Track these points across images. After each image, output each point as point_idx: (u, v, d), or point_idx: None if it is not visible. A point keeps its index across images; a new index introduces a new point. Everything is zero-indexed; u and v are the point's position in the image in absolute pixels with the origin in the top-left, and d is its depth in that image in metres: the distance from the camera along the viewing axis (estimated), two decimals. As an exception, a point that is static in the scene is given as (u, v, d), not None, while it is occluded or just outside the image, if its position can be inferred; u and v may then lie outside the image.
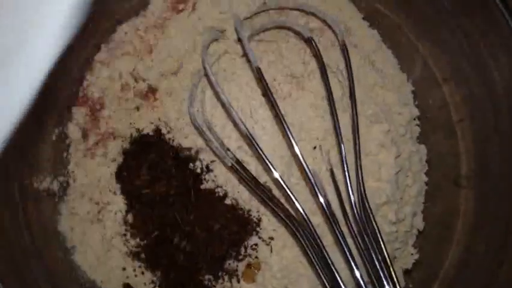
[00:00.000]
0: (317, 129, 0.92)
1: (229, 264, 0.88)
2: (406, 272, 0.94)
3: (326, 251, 0.77)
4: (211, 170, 0.91)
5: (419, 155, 0.97)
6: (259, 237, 0.89)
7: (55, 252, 0.84)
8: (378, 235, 0.78)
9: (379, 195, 0.87)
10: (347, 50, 0.87)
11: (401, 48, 1.00)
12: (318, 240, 0.77)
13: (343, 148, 0.83)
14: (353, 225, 0.81)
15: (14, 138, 0.79)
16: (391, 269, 0.76)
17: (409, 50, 0.99)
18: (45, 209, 0.85)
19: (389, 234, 0.88)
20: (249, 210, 0.89)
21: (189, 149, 0.92)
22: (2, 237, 0.72)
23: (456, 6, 0.89)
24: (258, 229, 0.89)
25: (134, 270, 0.89)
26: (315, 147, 0.92)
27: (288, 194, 0.80)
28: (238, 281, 0.88)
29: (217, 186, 0.90)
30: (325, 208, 0.77)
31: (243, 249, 0.89)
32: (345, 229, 0.82)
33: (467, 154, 0.92)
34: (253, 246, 0.89)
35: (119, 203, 0.91)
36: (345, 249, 0.76)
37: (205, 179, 0.91)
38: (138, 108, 0.95)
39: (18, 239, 0.76)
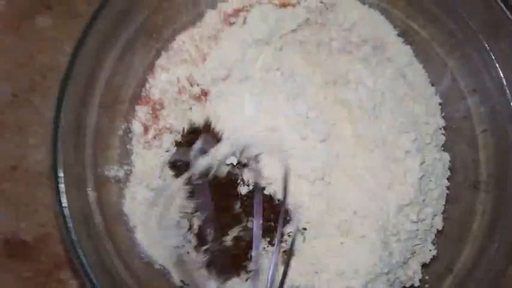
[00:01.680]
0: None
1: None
2: (424, 266, 1.05)
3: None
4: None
5: (443, 162, 1.06)
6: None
7: (121, 230, 0.97)
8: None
9: (402, 197, 0.97)
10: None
11: (431, 63, 1.09)
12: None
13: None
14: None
15: (90, 133, 0.94)
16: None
17: (438, 65, 1.09)
18: (114, 193, 0.99)
19: (410, 232, 0.98)
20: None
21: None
22: (82, 216, 0.87)
23: (483, 28, 0.98)
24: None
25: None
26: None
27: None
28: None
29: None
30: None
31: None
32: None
33: (487, 162, 1.02)
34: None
35: (172, 189, 1.04)
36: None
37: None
38: (191, 108, 1.08)
39: (93, 218, 0.90)
